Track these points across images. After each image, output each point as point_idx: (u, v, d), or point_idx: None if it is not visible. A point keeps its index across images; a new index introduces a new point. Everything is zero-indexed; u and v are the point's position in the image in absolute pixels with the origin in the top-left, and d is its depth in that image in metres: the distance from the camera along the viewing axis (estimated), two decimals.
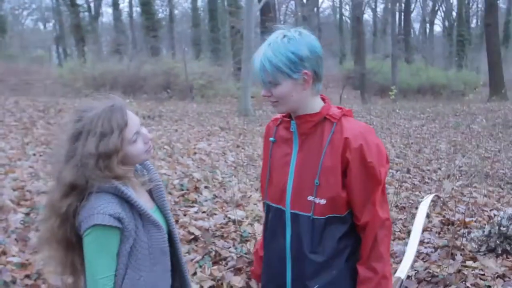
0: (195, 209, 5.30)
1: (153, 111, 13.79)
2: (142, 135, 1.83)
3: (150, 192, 1.97)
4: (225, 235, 4.67)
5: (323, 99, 1.96)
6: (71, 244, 1.74)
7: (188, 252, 4.39)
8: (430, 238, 4.66)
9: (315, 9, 35.99)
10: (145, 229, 1.79)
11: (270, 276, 2.06)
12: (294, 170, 1.92)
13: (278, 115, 2.06)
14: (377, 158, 1.83)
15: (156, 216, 1.88)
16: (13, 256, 4.07)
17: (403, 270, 2.45)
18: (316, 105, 1.90)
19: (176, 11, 43.10)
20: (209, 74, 22.54)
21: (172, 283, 1.99)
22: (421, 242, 4.87)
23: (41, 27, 52.81)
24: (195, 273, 4.08)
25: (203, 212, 5.23)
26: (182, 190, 5.82)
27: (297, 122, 1.91)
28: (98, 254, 1.70)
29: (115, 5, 38.57)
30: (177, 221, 4.93)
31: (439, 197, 6.00)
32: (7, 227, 4.54)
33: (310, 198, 1.87)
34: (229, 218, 4.99)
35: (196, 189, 5.92)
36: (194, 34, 36.45)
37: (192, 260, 4.26)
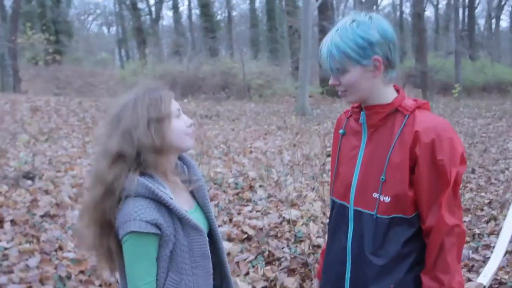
0: (249, 208, 5.22)
1: (210, 111, 13.88)
2: (183, 116, 1.77)
3: (191, 191, 1.88)
4: (279, 235, 4.56)
5: (397, 90, 1.82)
6: (108, 226, 1.67)
7: (241, 251, 4.30)
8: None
9: (375, 6, 35.22)
10: (185, 232, 1.71)
11: (329, 277, 1.94)
12: (361, 164, 1.80)
13: (350, 107, 1.94)
14: (449, 156, 1.66)
15: (197, 216, 1.80)
16: (69, 251, 4.12)
17: (486, 275, 2.22)
18: (388, 95, 1.77)
19: (234, 13, 43.37)
20: (267, 74, 22.53)
21: (214, 283, 1.90)
22: (487, 246, 4.58)
23: (105, 31, 54.61)
24: (247, 273, 3.98)
25: (257, 211, 5.14)
26: (237, 188, 5.76)
27: (366, 113, 1.79)
28: (138, 261, 1.64)
29: (175, 8, 39.31)
30: (230, 220, 4.87)
31: None
32: (64, 223, 4.62)
33: (375, 195, 1.74)
34: (284, 217, 4.88)
35: (251, 188, 5.84)
36: (252, 34, 36.53)
37: (245, 259, 4.17)
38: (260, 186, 5.97)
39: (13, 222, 4.53)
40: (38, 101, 13.70)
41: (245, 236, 4.53)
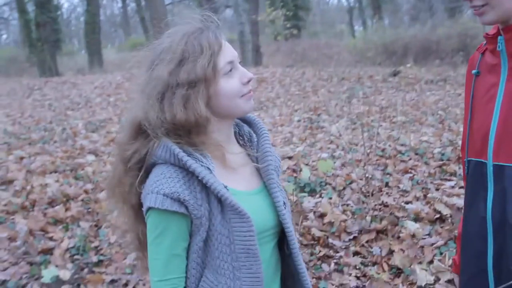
0: (451, 183, 4.39)
1: (440, 76, 12.62)
2: (239, 70, 1.32)
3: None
4: None
5: None
6: (133, 205, 1.32)
7: (429, 234, 3.60)
8: None
9: None
10: (225, 217, 1.26)
11: (469, 257, 1.55)
12: (501, 105, 1.41)
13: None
14: None
15: (257, 199, 1.36)
16: None
17: None
18: None
19: None
20: None
21: None
22: None
23: (344, 3, 54.93)
24: (431, 261, 3.30)
25: (461, 187, 4.28)
26: (442, 160, 4.93)
27: (505, 37, 1.39)
28: (157, 249, 1.24)
29: None
30: (425, 196, 4.15)
31: None
32: None
33: None
34: None
35: (459, 160, 4.94)
36: None
37: (432, 244, 3.47)
38: None
39: None
40: (265, 72, 14.25)
41: (437, 216, 3.79)
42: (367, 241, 3.67)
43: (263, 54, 26.07)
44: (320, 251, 3.63)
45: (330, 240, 3.71)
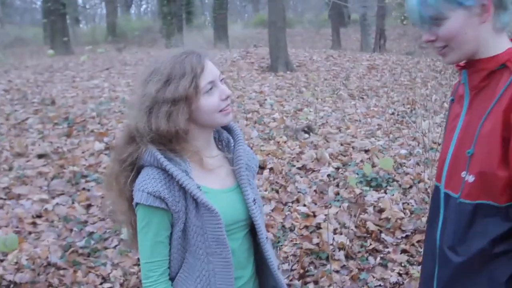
0: None
1: None
2: (219, 88, 1.55)
3: None
4: None
5: None
6: (127, 198, 1.61)
7: None
8: None
9: None
10: (198, 211, 1.52)
11: (423, 277, 1.63)
12: (456, 138, 1.49)
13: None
14: None
15: (230, 197, 1.61)
16: (304, 205, 4.27)
17: None
18: (498, 46, 1.39)
19: None
20: None
21: (263, 281, 1.72)
22: None
23: None
24: None
25: None
26: None
27: (468, 71, 1.46)
28: (144, 237, 1.53)
29: None
30: None
31: None
32: (313, 178, 4.77)
33: (463, 174, 1.42)
34: None
35: None
36: None
37: None
38: None
39: (271, 170, 4.93)
40: (378, 59, 14.09)
41: None
42: (418, 241, 3.79)
43: (387, 38, 25.45)
44: (370, 244, 3.81)
45: (383, 235, 3.88)
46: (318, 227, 3.99)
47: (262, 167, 5.01)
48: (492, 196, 1.34)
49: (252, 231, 1.70)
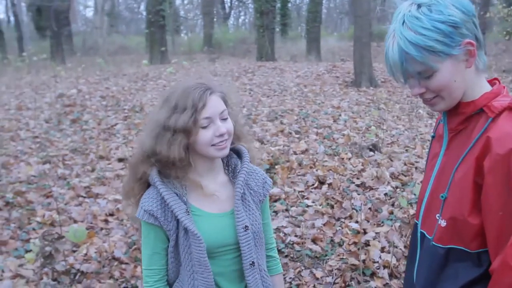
0: None
1: None
2: (216, 125, 1.63)
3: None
4: None
5: (492, 83, 1.44)
6: None
7: None
8: None
9: None
10: (186, 233, 1.65)
11: None
12: (433, 179, 1.49)
13: None
14: None
15: (225, 221, 1.70)
16: (356, 222, 4.38)
17: None
18: (477, 89, 1.39)
19: None
20: None
21: None
22: None
23: None
24: None
25: None
26: None
27: (448, 113, 1.45)
28: (144, 247, 1.71)
29: None
30: None
31: None
32: (370, 196, 4.85)
33: (437, 216, 1.43)
34: None
35: None
36: None
37: None
38: None
39: (330, 185, 5.08)
40: None
41: None
42: None
43: (487, 53, 24.35)
44: None
45: None
46: (367, 244, 4.08)
47: (321, 182, 5.17)
48: (463, 241, 1.35)
49: None
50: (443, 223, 1.38)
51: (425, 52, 1.30)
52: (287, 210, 4.63)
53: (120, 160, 5.85)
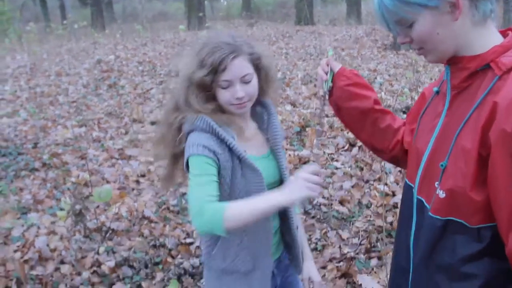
0: None
1: None
2: (234, 88, 1.70)
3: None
4: None
5: (505, 34, 1.30)
6: (175, 155, 1.84)
7: None
8: None
9: None
10: (243, 172, 1.72)
11: (394, 272, 1.58)
12: (435, 139, 1.36)
13: None
14: None
15: (265, 163, 1.81)
16: (384, 185, 4.34)
17: None
18: (483, 42, 1.26)
19: None
20: None
21: (282, 238, 1.94)
22: None
23: None
24: None
25: None
26: None
27: (451, 69, 1.32)
28: (196, 181, 1.67)
29: None
30: None
31: None
32: None
33: (436, 184, 1.30)
34: None
35: None
36: None
37: None
38: None
39: (360, 148, 5.04)
40: None
41: None
42: None
43: None
44: None
45: None
46: (395, 206, 4.05)
47: (352, 145, 5.12)
48: (463, 215, 1.25)
49: None
50: (441, 194, 1.27)
51: (397, 2, 1.24)
52: None
53: (153, 123, 5.94)
